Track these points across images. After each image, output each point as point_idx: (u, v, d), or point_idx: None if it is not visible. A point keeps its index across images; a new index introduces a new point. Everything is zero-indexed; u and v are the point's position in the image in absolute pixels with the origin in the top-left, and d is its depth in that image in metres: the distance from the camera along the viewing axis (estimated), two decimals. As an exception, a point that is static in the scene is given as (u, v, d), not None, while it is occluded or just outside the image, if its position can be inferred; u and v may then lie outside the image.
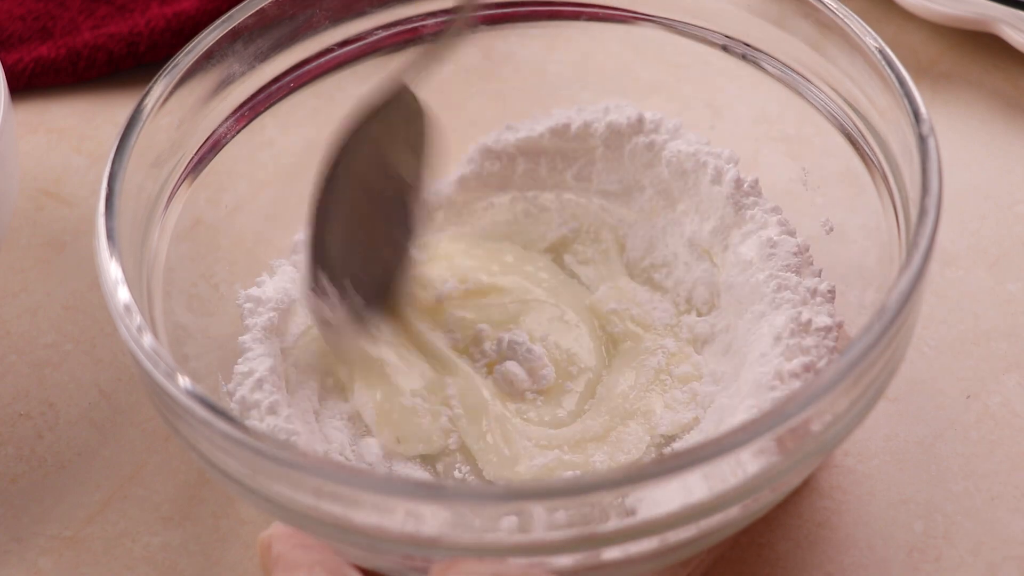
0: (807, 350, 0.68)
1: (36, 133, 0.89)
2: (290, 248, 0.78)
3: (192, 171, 0.73)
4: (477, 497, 0.59)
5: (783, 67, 0.74)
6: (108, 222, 0.65)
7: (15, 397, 0.77)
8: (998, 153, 0.85)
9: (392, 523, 0.59)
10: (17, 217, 0.84)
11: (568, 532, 0.59)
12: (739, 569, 0.69)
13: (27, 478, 0.74)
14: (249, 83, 0.75)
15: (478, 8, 0.75)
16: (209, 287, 0.74)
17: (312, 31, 0.76)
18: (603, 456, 0.70)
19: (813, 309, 0.70)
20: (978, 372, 0.75)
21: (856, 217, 0.72)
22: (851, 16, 0.70)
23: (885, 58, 0.69)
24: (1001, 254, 0.80)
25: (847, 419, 0.61)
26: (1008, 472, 0.72)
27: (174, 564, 0.70)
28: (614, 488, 0.57)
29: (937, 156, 0.64)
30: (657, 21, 0.77)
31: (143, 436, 0.75)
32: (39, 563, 0.71)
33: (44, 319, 0.80)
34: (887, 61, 0.68)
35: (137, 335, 0.62)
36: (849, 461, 0.72)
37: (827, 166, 0.74)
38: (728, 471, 0.59)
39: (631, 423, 0.71)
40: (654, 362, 0.73)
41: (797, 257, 0.72)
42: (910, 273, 0.61)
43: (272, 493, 0.61)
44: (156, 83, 0.70)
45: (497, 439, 0.70)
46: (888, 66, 0.68)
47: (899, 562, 0.69)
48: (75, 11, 0.94)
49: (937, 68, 0.89)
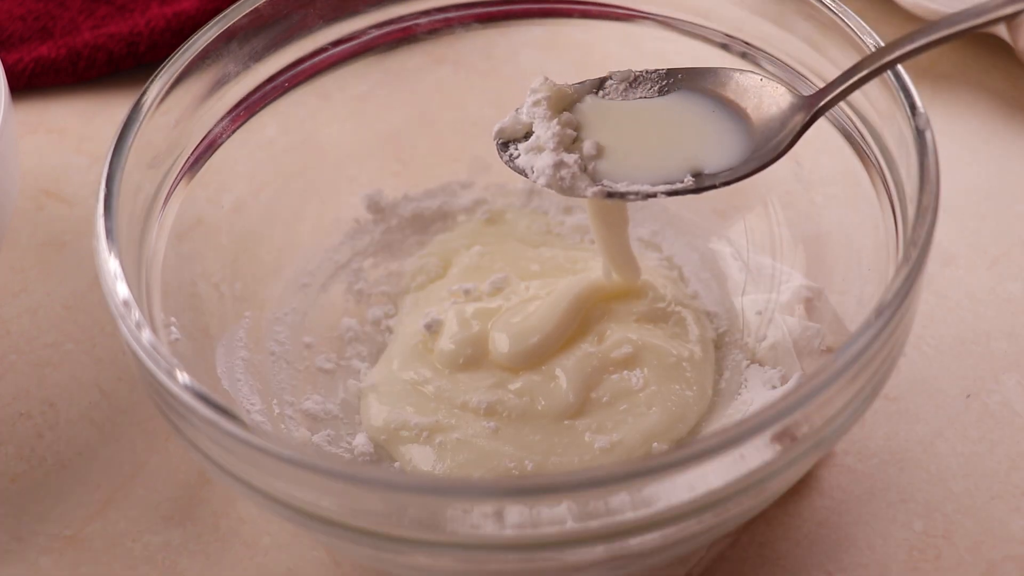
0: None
1: (36, 133, 0.89)
2: (289, 247, 0.78)
3: (189, 170, 0.73)
4: (478, 494, 0.58)
5: (783, 66, 0.74)
6: (107, 222, 0.66)
7: (15, 396, 0.77)
8: (998, 153, 0.85)
9: (397, 521, 0.59)
10: (17, 217, 0.84)
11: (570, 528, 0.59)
12: (739, 568, 0.69)
13: (27, 477, 0.74)
14: (244, 83, 0.75)
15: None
16: (209, 286, 0.74)
17: (306, 30, 0.76)
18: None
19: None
20: (978, 371, 0.75)
21: (854, 215, 0.72)
22: (851, 16, 0.70)
23: (884, 57, 0.69)
24: (1001, 254, 0.80)
25: (845, 415, 0.61)
26: (1008, 472, 0.71)
27: (174, 564, 0.70)
28: (617, 483, 0.57)
29: (934, 150, 0.64)
30: (657, 19, 0.77)
31: (143, 435, 0.75)
32: (39, 562, 0.71)
33: (44, 319, 0.80)
34: (886, 60, 0.68)
35: (136, 331, 0.62)
36: (849, 460, 0.72)
37: (825, 164, 0.74)
38: (728, 467, 0.59)
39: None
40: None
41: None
42: (908, 269, 0.61)
43: (273, 490, 0.61)
44: (152, 83, 0.70)
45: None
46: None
47: (899, 561, 0.69)
48: (75, 11, 0.94)
49: (937, 68, 0.89)
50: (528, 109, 0.70)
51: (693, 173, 0.68)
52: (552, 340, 0.73)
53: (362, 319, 0.78)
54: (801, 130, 0.67)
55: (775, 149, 0.67)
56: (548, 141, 0.69)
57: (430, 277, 0.79)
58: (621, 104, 0.71)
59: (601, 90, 0.71)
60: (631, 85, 0.71)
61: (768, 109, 0.69)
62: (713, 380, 0.73)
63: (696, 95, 0.70)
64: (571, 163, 0.68)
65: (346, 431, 0.73)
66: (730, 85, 0.70)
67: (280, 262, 0.78)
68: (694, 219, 0.79)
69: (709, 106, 0.70)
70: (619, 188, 0.68)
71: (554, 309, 0.73)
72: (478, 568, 0.62)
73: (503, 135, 0.70)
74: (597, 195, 0.68)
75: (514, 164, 0.70)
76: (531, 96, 0.71)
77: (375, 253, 0.80)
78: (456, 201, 0.82)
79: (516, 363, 0.72)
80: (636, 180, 0.68)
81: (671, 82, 0.71)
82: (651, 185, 0.68)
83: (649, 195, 0.68)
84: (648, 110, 0.71)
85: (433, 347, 0.74)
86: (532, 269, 0.78)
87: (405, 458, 0.71)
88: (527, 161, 0.69)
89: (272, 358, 0.75)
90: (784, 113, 0.68)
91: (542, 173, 0.68)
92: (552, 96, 0.70)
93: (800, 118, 0.67)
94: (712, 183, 0.68)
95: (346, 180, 0.81)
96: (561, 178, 0.68)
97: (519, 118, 0.70)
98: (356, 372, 0.76)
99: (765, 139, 0.68)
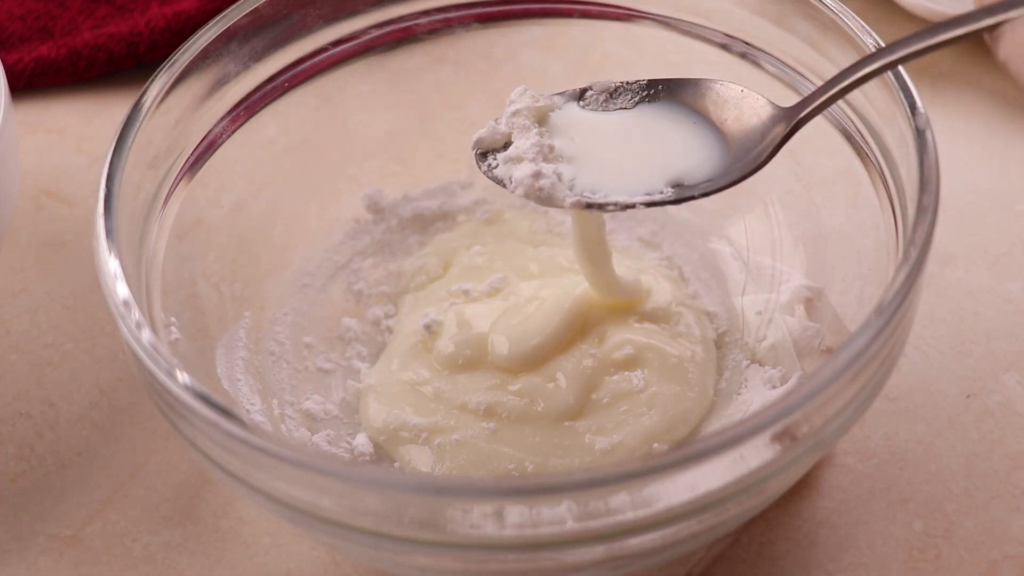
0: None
1: (36, 133, 0.89)
2: (289, 247, 0.78)
3: (189, 170, 0.73)
4: (478, 494, 0.58)
5: (783, 66, 0.74)
6: (107, 222, 0.66)
7: (15, 396, 0.77)
8: (998, 153, 0.85)
9: (397, 521, 0.59)
10: (17, 217, 0.84)
11: (571, 527, 0.59)
12: (739, 568, 0.69)
13: (27, 477, 0.74)
14: (244, 83, 0.75)
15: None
16: (209, 286, 0.74)
17: (306, 30, 0.76)
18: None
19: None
20: (978, 372, 0.75)
21: (854, 215, 0.72)
22: (851, 16, 0.70)
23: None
24: (1001, 254, 0.80)
25: (845, 415, 0.61)
26: (1008, 471, 0.71)
27: (174, 564, 0.70)
28: (617, 483, 0.57)
29: (934, 150, 0.64)
30: (657, 19, 0.77)
31: (143, 435, 0.75)
32: (39, 562, 0.71)
33: (44, 319, 0.80)
34: (886, 60, 0.68)
35: (136, 331, 0.62)
36: (849, 460, 0.72)
37: (825, 164, 0.74)
38: (728, 467, 0.59)
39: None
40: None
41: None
42: (908, 269, 0.61)
43: (273, 490, 0.61)
44: (152, 83, 0.70)
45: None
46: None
47: (899, 561, 0.69)
48: (75, 11, 0.94)
49: (937, 68, 0.89)
50: (507, 119, 0.70)
51: (672, 184, 0.68)
52: (552, 343, 0.73)
53: (362, 319, 0.78)
54: (781, 141, 0.67)
55: (755, 160, 0.67)
56: (527, 152, 0.69)
57: (430, 277, 0.79)
58: (601, 115, 0.71)
59: (581, 100, 0.71)
60: (611, 96, 0.71)
61: (748, 120, 0.69)
62: (714, 381, 0.73)
63: (676, 106, 0.70)
64: (549, 173, 0.68)
65: (346, 431, 0.73)
66: (710, 96, 0.70)
67: (280, 262, 0.78)
68: (694, 219, 0.79)
69: (690, 117, 0.70)
70: (597, 199, 0.68)
71: (555, 312, 0.73)
72: (478, 568, 0.62)
73: (481, 145, 0.70)
74: (575, 206, 0.68)
75: (493, 174, 0.70)
76: (510, 106, 0.71)
77: (375, 253, 0.80)
78: (456, 201, 0.82)
79: (516, 365, 0.72)
80: (615, 191, 0.68)
81: (652, 93, 0.71)
82: (630, 196, 0.68)
83: (628, 206, 0.67)
84: (628, 121, 0.71)
85: (432, 347, 0.74)
86: (532, 269, 0.78)
87: (405, 459, 0.71)
88: (505, 171, 0.69)
89: (272, 358, 0.75)
90: (764, 124, 0.68)
91: (520, 183, 0.68)
92: (531, 106, 0.70)
93: (780, 129, 0.67)
94: (691, 194, 0.68)
95: (346, 180, 0.81)
96: (539, 188, 0.68)
97: (498, 128, 0.70)
98: (356, 372, 0.75)
99: (745, 150, 0.68)
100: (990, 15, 0.62)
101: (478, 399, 0.71)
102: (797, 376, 0.71)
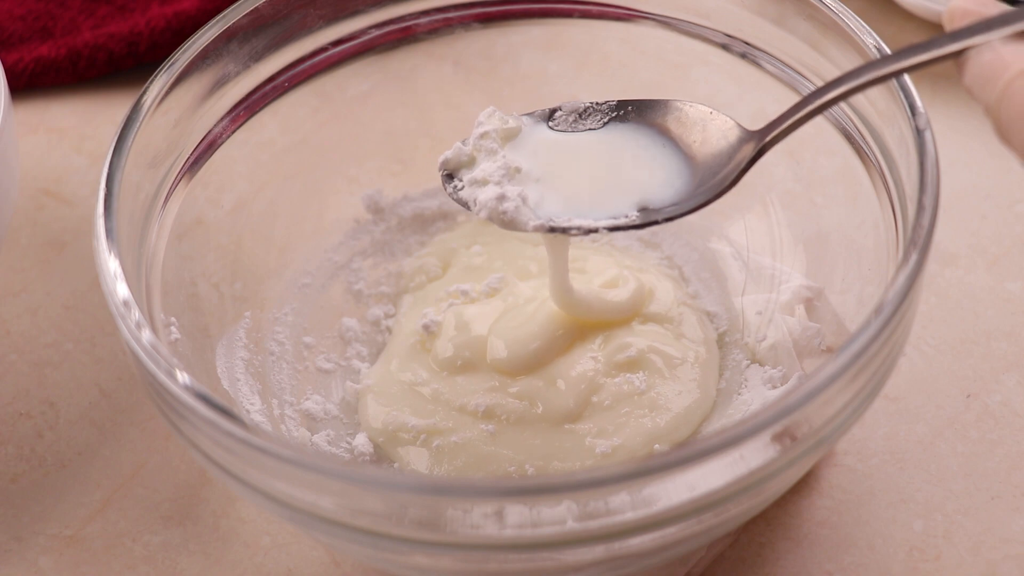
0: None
1: (36, 133, 0.89)
2: (289, 247, 0.78)
3: (189, 170, 0.73)
4: (478, 494, 0.58)
5: (783, 66, 0.74)
6: (107, 222, 0.66)
7: (15, 396, 0.77)
8: (998, 153, 0.85)
9: (397, 521, 0.59)
10: (17, 217, 0.84)
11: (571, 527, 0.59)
12: (739, 568, 0.69)
13: (27, 477, 0.74)
14: (244, 83, 0.75)
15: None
16: (208, 286, 0.74)
17: (306, 30, 0.76)
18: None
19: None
20: (978, 372, 0.75)
21: (854, 215, 0.72)
22: (851, 16, 0.70)
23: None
24: (1001, 254, 0.80)
25: (845, 415, 0.61)
26: (1008, 471, 0.71)
27: (174, 564, 0.70)
28: (617, 483, 0.57)
29: (934, 150, 0.64)
30: (657, 19, 0.77)
31: (143, 435, 0.75)
32: (39, 562, 0.71)
33: (44, 319, 0.80)
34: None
35: (136, 331, 0.62)
36: (849, 460, 0.72)
37: (825, 164, 0.74)
38: (728, 467, 0.59)
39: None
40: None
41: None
42: (908, 269, 0.61)
43: (273, 490, 0.61)
44: (152, 83, 0.70)
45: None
46: (886, 65, 0.68)
47: (899, 561, 0.69)
48: (75, 11, 0.94)
49: (937, 68, 0.89)
50: (475, 141, 0.70)
51: (639, 207, 0.68)
52: (551, 347, 0.73)
53: (362, 319, 0.78)
54: (748, 164, 0.67)
55: (722, 183, 0.67)
56: (492, 174, 0.69)
57: (429, 277, 0.79)
58: (569, 136, 0.71)
59: (551, 121, 0.71)
60: (580, 116, 0.71)
61: (716, 143, 0.68)
62: (716, 381, 0.73)
63: (645, 128, 0.70)
64: (514, 196, 0.68)
65: (346, 431, 0.73)
66: (679, 118, 0.70)
67: (280, 262, 0.78)
68: (694, 219, 0.78)
69: (658, 139, 0.70)
70: (560, 223, 0.68)
71: (554, 316, 0.73)
72: (478, 568, 0.62)
73: (448, 166, 0.70)
74: (538, 229, 0.67)
75: (457, 196, 0.70)
76: (478, 128, 0.70)
77: (375, 253, 0.80)
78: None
79: (515, 368, 0.72)
80: (580, 213, 0.68)
81: (620, 114, 0.71)
82: (594, 219, 0.68)
83: (591, 230, 0.67)
84: (595, 143, 0.70)
85: (431, 348, 0.74)
86: (531, 269, 0.78)
87: (404, 460, 0.71)
88: (470, 193, 0.69)
89: (272, 358, 0.75)
90: (732, 146, 0.68)
91: (484, 207, 0.68)
92: (500, 128, 0.70)
93: (748, 151, 0.67)
94: (655, 219, 0.67)
95: (346, 180, 0.81)
96: (503, 211, 0.67)
97: (464, 149, 0.70)
98: (356, 372, 0.76)
99: (711, 172, 0.68)
100: (953, 41, 0.62)
101: (477, 401, 0.71)
102: (797, 376, 0.71)
